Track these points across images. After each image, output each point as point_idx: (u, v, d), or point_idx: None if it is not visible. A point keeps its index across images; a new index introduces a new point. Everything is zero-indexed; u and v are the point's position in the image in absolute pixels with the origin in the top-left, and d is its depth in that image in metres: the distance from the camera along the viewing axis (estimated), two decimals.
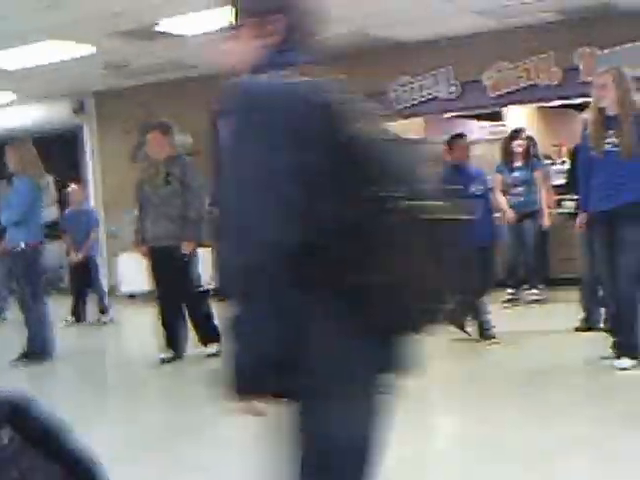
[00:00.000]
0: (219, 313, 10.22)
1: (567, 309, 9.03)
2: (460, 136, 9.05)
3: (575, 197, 8.31)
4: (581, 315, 8.47)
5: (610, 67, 7.25)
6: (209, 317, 8.47)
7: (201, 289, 8.71)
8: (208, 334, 8.35)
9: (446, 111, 14.38)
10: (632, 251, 6.67)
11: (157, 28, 11.26)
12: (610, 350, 6.86)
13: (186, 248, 8.40)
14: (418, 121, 15.36)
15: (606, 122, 6.84)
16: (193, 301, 8.59)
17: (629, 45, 11.99)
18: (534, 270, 10.95)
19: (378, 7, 11.13)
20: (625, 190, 6.70)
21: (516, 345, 8.37)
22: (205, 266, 13.31)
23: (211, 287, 13.51)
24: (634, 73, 11.62)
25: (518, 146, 10.74)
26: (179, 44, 12.18)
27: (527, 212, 10.70)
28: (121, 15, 10.57)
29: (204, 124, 10.92)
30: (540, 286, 11.13)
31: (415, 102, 13.57)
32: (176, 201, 8.37)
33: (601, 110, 6.89)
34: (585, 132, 7.10)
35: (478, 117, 16.24)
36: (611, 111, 6.83)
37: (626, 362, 6.73)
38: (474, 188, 8.54)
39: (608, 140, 6.79)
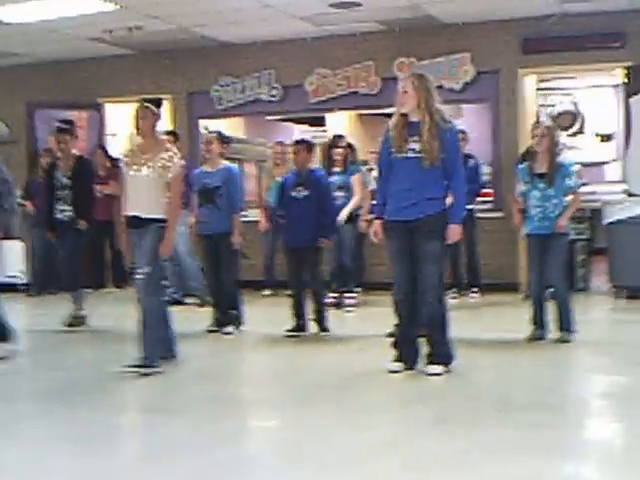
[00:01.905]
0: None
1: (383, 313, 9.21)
2: (303, 142, 9.36)
3: None
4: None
5: (411, 73, 7.36)
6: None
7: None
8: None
9: (268, 113, 14.49)
10: (432, 263, 6.74)
11: None
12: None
13: None
14: (238, 121, 15.46)
15: (408, 127, 6.78)
16: None
17: (447, 57, 12.36)
18: (350, 274, 11.05)
19: (205, 6, 11.12)
20: (423, 201, 6.73)
21: (332, 348, 8.47)
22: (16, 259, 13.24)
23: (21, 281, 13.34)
24: (451, 84, 12.27)
25: (336, 154, 10.87)
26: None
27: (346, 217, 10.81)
28: None
29: (20, 114, 10.55)
30: (357, 290, 11.30)
31: (237, 103, 13.58)
32: None
33: (403, 115, 6.84)
34: (388, 134, 6.91)
35: (300, 121, 16.43)
36: (413, 117, 6.79)
37: (437, 368, 6.79)
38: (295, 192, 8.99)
39: (410, 146, 6.75)
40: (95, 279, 12.29)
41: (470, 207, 11.38)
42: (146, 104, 7.36)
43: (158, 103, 7.50)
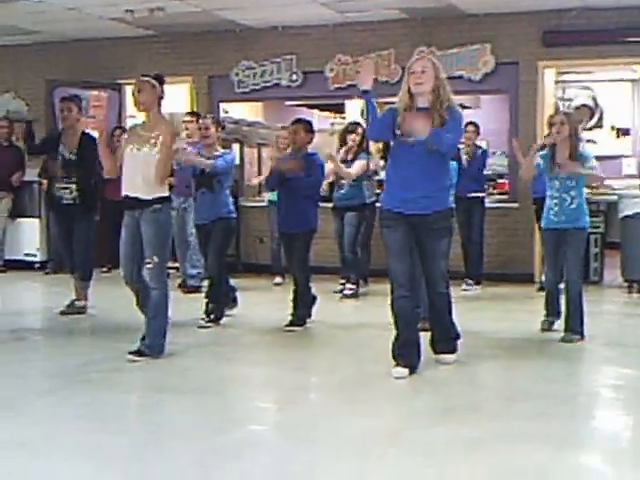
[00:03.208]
0: None
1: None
2: (301, 121, 9.01)
3: None
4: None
5: (429, 53, 6.95)
6: None
7: None
8: None
9: (287, 99, 14.53)
10: (442, 258, 6.65)
11: None
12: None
13: None
14: (257, 106, 15.54)
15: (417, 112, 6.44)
16: None
17: (467, 47, 12.37)
18: (351, 264, 11.02)
19: None
20: (431, 194, 6.44)
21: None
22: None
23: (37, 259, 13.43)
24: (470, 75, 12.29)
25: (351, 140, 10.88)
26: (15, 8, 11.91)
27: (350, 205, 10.83)
28: None
29: (39, 92, 10.59)
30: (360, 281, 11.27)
31: (257, 87, 13.62)
32: None
33: (412, 98, 6.47)
34: (395, 112, 6.52)
35: (320, 107, 16.47)
36: (423, 102, 6.46)
37: (450, 357, 6.85)
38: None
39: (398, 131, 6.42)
40: (110, 259, 12.34)
41: (480, 195, 11.49)
42: (145, 78, 7.18)
43: (160, 80, 7.23)
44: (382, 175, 9.84)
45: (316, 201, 8.78)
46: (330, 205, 10.82)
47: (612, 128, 15.92)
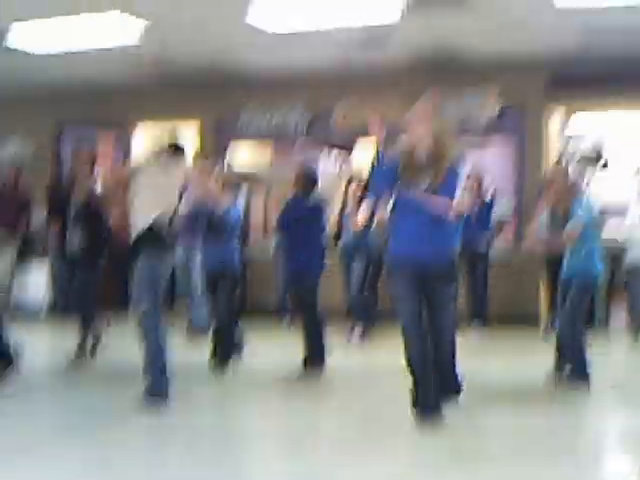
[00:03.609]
0: None
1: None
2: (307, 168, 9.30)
3: None
4: None
5: (432, 98, 6.69)
6: None
7: None
8: None
9: (296, 140, 14.59)
10: (451, 302, 6.64)
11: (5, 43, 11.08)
12: None
13: None
14: (267, 147, 15.59)
15: (418, 161, 6.39)
16: None
17: (474, 91, 12.45)
18: (357, 308, 11.09)
19: (236, 34, 11.27)
20: (438, 241, 6.41)
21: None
22: None
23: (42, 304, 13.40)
24: (477, 118, 12.35)
25: (352, 190, 11.01)
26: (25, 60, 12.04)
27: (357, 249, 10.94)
28: None
29: (46, 137, 10.51)
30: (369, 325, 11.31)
31: (265, 129, 13.70)
32: None
33: (412, 146, 6.46)
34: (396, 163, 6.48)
35: (328, 149, 16.49)
36: (423, 150, 6.41)
37: (457, 401, 6.83)
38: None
39: (421, 183, 6.35)
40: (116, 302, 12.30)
41: (483, 249, 11.51)
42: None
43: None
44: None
45: (322, 248, 8.87)
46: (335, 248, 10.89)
47: (620, 173, 15.94)
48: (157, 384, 6.98)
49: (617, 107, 12.51)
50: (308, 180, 8.89)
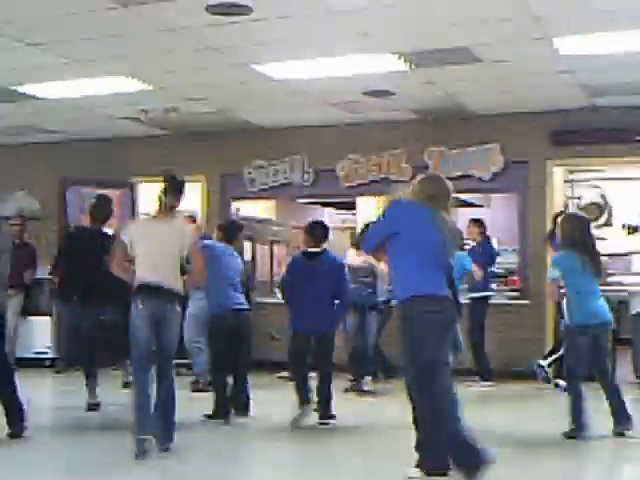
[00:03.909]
0: None
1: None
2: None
3: None
4: None
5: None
6: None
7: None
8: None
9: (299, 197, 14.68)
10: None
11: (17, 88, 11.15)
12: None
13: None
14: (270, 204, 15.69)
15: None
16: None
17: (477, 147, 12.52)
18: (370, 359, 11.08)
19: (240, 90, 11.34)
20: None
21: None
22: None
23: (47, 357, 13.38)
24: (480, 174, 12.43)
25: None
26: (36, 107, 12.11)
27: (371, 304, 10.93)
28: None
29: (52, 190, 10.63)
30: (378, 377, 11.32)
31: (269, 185, 13.75)
32: None
33: None
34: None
35: (331, 205, 16.61)
36: None
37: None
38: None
39: None
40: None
41: (479, 295, 11.55)
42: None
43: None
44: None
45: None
46: None
47: (622, 226, 15.98)
48: None
49: (620, 161, 12.54)
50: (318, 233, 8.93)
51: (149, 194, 14.18)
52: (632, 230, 15.89)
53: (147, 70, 10.36)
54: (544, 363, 10.86)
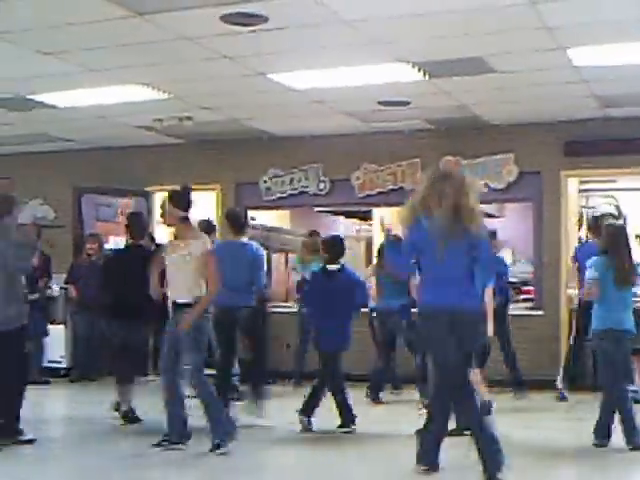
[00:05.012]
0: None
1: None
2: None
3: None
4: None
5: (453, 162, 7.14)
6: None
7: None
8: None
9: (315, 206, 14.68)
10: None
11: (33, 97, 11.20)
12: None
13: None
14: (285, 213, 15.70)
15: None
16: None
17: (491, 157, 12.53)
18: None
19: (255, 100, 11.37)
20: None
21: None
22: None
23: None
24: (495, 184, 12.42)
25: None
26: (50, 115, 12.17)
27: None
28: None
29: (67, 198, 10.68)
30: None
31: (284, 195, 13.77)
32: None
33: None
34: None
35: (346, 214, 16.59)
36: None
37: None
38: None
39: None
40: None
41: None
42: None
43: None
44: None
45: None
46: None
47: (636, 236, 15.92)
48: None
49: (634, 172, 12.51)
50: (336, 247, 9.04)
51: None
52: None
53: (162, 79, 10.42)
54: (560, 385, 10.89)
